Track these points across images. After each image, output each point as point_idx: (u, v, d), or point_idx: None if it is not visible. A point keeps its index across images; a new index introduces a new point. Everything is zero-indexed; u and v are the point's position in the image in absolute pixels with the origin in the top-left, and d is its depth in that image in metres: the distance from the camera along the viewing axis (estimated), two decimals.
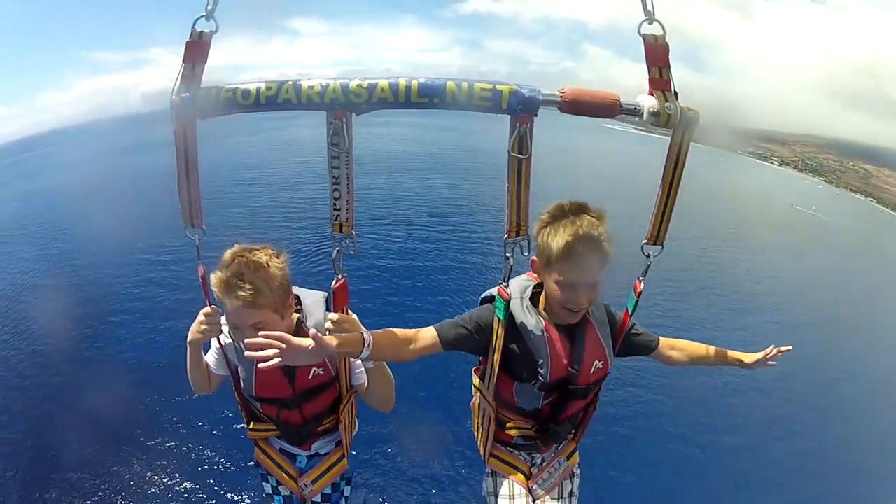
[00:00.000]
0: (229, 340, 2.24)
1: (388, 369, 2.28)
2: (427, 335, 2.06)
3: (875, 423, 12.44)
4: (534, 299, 2.17)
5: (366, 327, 2.00)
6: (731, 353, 2.47)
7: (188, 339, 2.16)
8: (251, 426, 2.47)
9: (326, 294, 2.18)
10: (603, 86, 1.74)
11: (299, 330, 2.17)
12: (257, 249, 2.04)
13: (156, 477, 8.36)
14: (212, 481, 8.29)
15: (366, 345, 1.84)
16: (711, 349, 2.47)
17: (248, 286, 1.94)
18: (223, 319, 2.16)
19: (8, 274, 16.46)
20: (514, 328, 2.09)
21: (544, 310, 2.13)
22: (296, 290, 2.25)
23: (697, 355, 2.45)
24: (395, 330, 2.00)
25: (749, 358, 2.44)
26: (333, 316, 1.98)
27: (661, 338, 2.39)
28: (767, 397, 12.69)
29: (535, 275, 2.11)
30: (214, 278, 1.97)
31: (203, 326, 2.09)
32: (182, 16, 1.76)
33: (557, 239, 1.88)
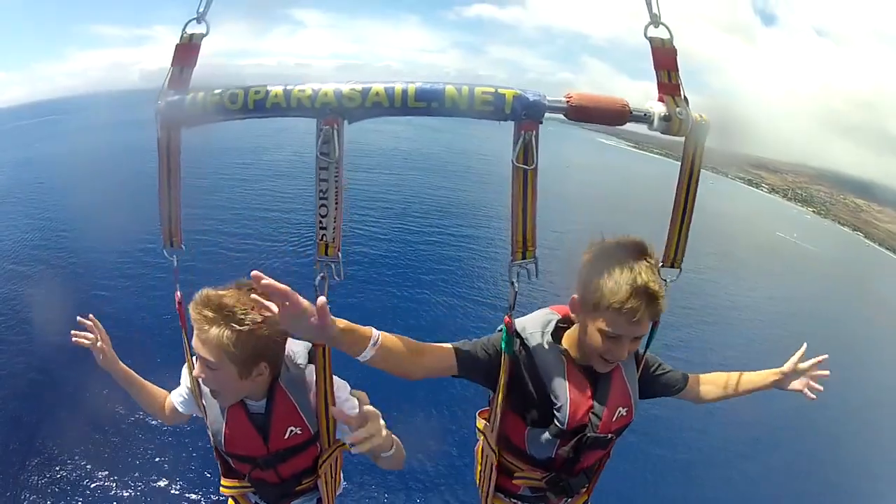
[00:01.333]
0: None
1: (398, 445, 1.90)
2: (443, 352, 1.85)
3: (846, 448, 12.41)
4: (556, 334, 1.97)
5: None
6: (764, 374, 2.25)
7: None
8: (223, 482, 2.25)
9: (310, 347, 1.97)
10: None
11: (274, 384, 1.96)
12: (248, 302, 1.71)
13: (131, 455, 8.08)
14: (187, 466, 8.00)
15: (371, 342, 1.62)
16: (743, 375, 2.26)
17: (214, 314, 1.71)
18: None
19: None
20: (531, 365, 1.91)
21: (568, 348, 1.95)
22: None
23: (730, 385, 2.26)
24: (406, 338, 1.77)
25: (785, 369, 2.19)
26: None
27: (689, 374, 2.22)
28: (736, 417, 12.51)
29: (572, 314, 1.91)
30: (203, 294, 1.76)
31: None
32: None
33: (612, 285, 1.68)
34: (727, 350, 15.84)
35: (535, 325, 1.95)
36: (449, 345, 1.87)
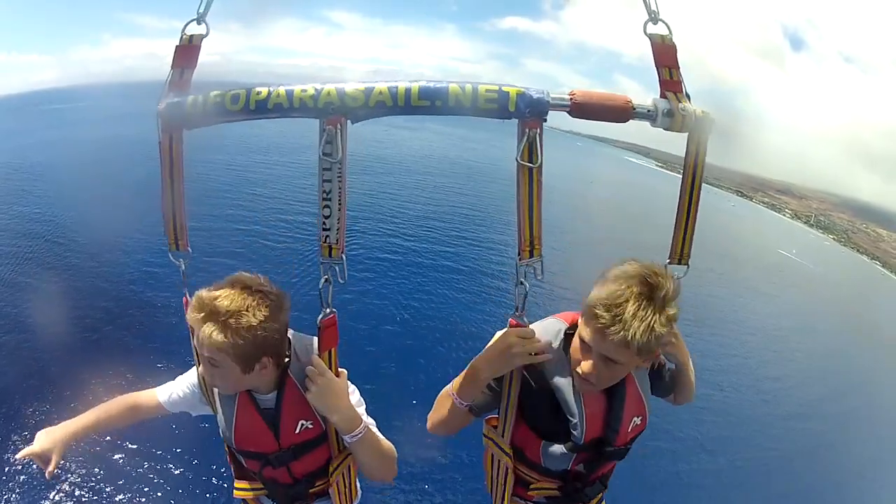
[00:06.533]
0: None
1: (380, 440, 2.07)
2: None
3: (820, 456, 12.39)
4: (566, 344, 1.95)
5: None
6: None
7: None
8: (237, 484, 2.31)
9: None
10: None
11: (284, 379, 2.02)
12: (252, 292, 1.83)
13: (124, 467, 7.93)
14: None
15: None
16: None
17: (211, 319, 1.76)
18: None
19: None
20: (542, 379, 1.92)
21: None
22: (290, 333, 2.08)
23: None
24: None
25: None
26: (315, 360, 1.88)
27: None
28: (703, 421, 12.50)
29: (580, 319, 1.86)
30: (197, 296, 1.83)
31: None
32: None
33: (600, 292, 1.67)
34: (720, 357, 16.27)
35: (544, 337, 1.93)
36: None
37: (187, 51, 1.77)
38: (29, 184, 20.65)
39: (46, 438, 2.03)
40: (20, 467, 7.39)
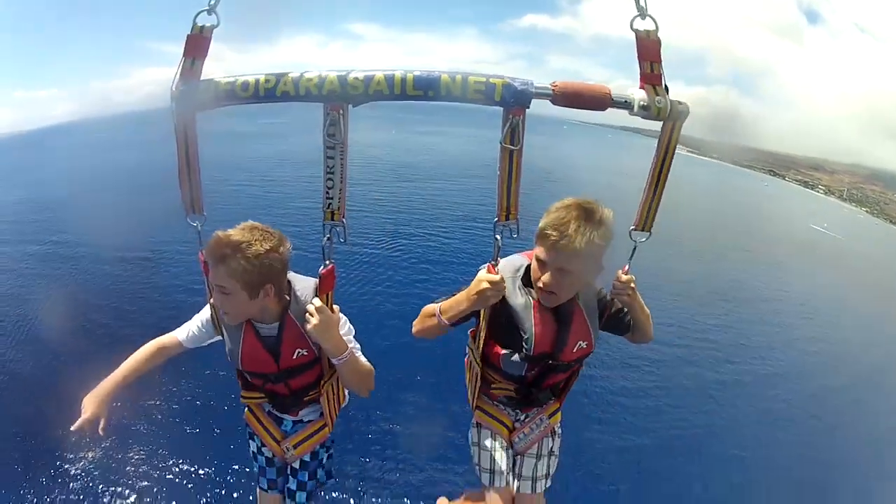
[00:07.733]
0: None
1: (361, 363, 2.51)
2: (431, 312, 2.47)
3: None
4: (527, 278, 2.40)
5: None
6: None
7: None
8: (243, 393, 2.79)
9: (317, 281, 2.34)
10: None
11: (285, 315, 2.43)
12: (260, 230, 2.25)
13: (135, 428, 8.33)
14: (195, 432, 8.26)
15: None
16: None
17: (225, 250, 2.16)
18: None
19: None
20: (504, 303, 2.35)
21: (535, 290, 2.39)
22: (291, 275, 2.47)
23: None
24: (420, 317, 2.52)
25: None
26: (316, 302, 2.23)
27: None
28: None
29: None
30: (213, 235, 2.22)
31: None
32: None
33: (547, 217, 2.14)
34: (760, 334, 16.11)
35: (508, 270, 2.40)
36: (436, 305, 2.45)
37: (198, 40, 1.86)
38: (58, 214, 20.65)
39: (93, 403, 2.39)
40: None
